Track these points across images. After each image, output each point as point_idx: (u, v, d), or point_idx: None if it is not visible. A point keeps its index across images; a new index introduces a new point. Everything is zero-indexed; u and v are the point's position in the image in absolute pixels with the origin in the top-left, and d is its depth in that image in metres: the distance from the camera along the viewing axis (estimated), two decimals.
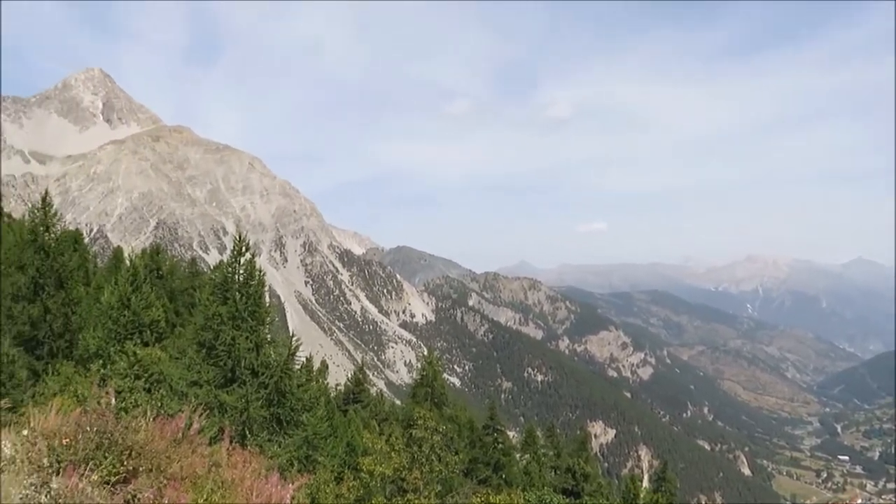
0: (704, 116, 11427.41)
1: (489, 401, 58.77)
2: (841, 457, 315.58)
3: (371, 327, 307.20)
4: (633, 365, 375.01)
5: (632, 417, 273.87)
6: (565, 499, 29.50)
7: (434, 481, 18.24)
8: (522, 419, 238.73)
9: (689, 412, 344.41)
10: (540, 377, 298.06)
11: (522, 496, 22.66)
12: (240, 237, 17.61)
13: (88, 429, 7.56)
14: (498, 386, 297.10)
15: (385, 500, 17.42)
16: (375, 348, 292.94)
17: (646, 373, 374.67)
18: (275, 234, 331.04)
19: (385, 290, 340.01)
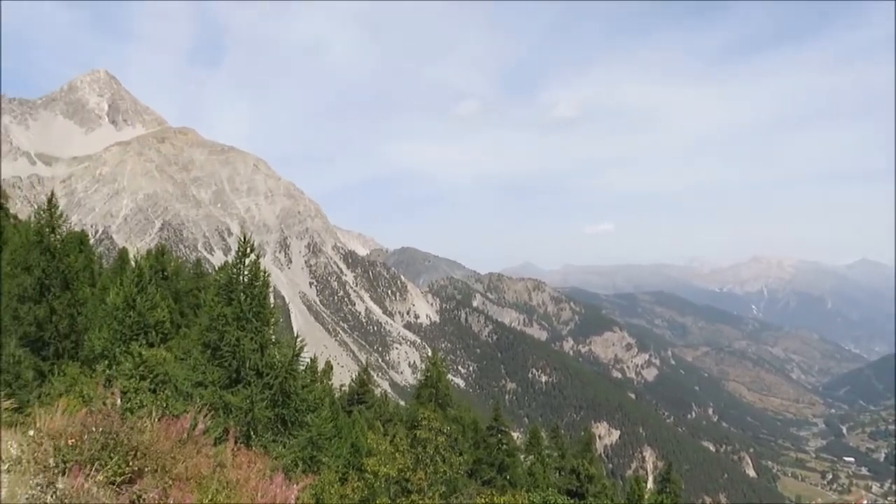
0: (710, 117, 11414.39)
1: (493, 402, 58.89)
2: (846, 458, 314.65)
3: (375, 328, 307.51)
4: (637, 366, 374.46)
5: (636, 418, 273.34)
6: (570, 500, 29.45)
7: (438, 482, 18.24)
8: (527, 420, 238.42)
9: (693, 413, 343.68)
10: (544, 378, 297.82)
11: (527, 497, 22.63)
12: (244, 238, 17.66)
13: (94, 429, 7.59)
14: (502, 387, 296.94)
15: (389, 500, 17.44)
16: (380, 349, 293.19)
17: (650, 374, 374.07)
18: (279, 235, 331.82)
19: (389, 291, 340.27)
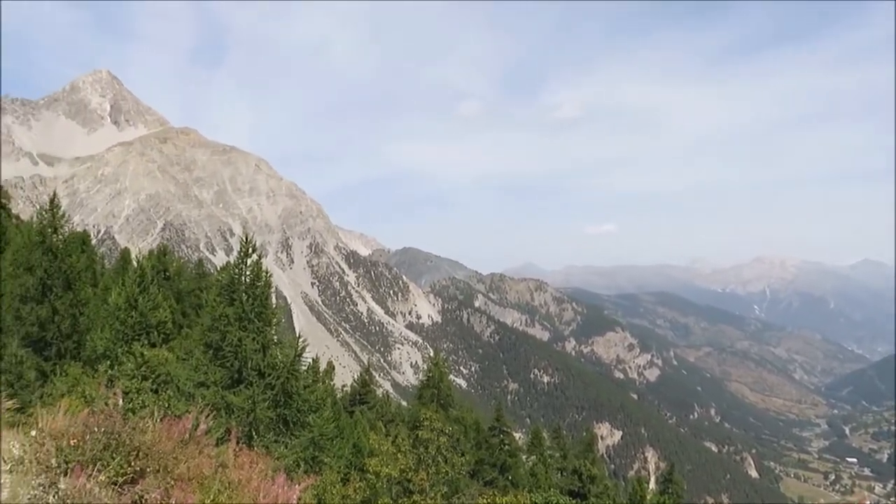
0: (712, 117, 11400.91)
1: (495, 402, 58.85)
2: (849, 459, 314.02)
3: (377, 328, 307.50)
4: (639, 366, 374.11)
5: (638, 419, 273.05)
6: (571, 500, 29.44)
7: (440, 482, 18.25)
8: (528, 420, 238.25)
9: (695, 414, 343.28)
10: (546, 378, 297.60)
11: (529, 498, 22.62)
12: (246, 238, 17.69)
13: (96, 429, 7.60)
14: (504, 387, 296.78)
15: (391, 501, 17.45)
16: (382, 349, 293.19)
17: (652, 374, 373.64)
18: (281, 236, 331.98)
19: (391, 292, 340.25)
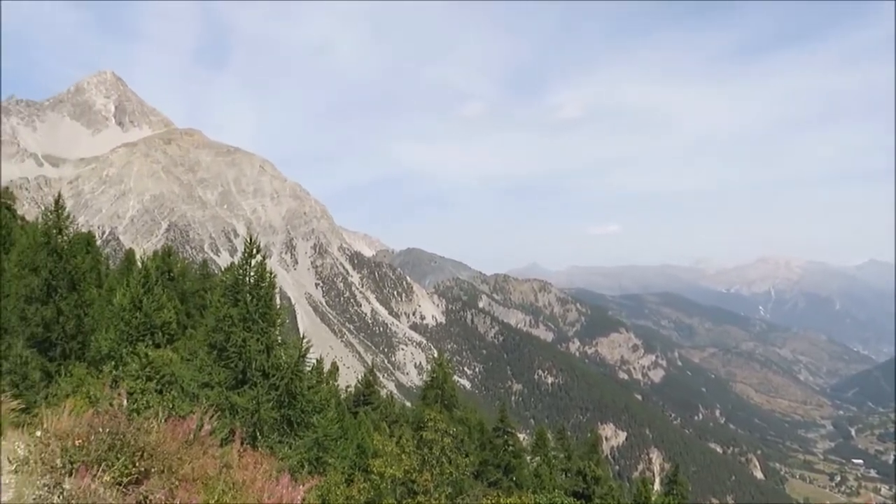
0: (715, 117, 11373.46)
1: (499, 403, 58.72)
2: (855, 460, 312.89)
3: (381, 329, 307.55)
4: (644, 367, 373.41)
5: (643, 420, 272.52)
6: (576, 501, 29.37)
7: (444, 483, 18.23)
8: (533, 421, 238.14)
9: (700, 415, 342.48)
10: (550, 379, 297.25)
11: (533, 499, 22.58)
12: (250, 239, 17.70)
13: (101, 430, 7.60)
14: (508, 388, 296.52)
15: (395, 501, 17.43)
16: (386, 350, 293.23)
17: (657, 375, 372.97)
18: (285, 237, 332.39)
19: (395, 292, 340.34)
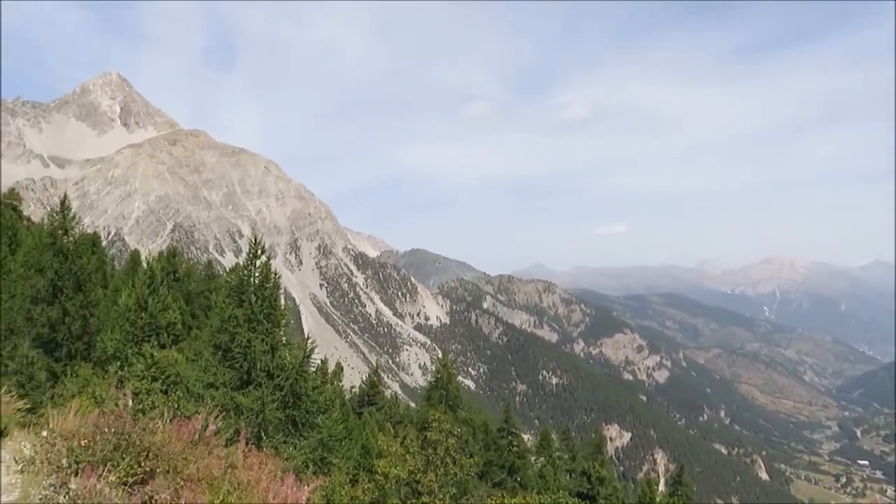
0: (721, 118, 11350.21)
1: (504, 403, 58.75)
2: (860, 461, 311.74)
3: (386, 330, 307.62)
4: (648, 368, 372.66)
5: (647, 421, 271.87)
6: (580, 502, 29.34)
7: (449, 484, 18.21)
8: (537, 422, 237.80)
9: (705, 416, 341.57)
10: (555, 380, 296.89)
11: (537, 499, 22.56)
12: (255, 240, 17.75)
13: (106, 430, 7.63)
14: (512, 389, 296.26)
15: (400, 502, 17.43)
16: (390, 351, 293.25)
17: (661, 376, 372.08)
18: (290, 237, 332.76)
19: (399, 293, 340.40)
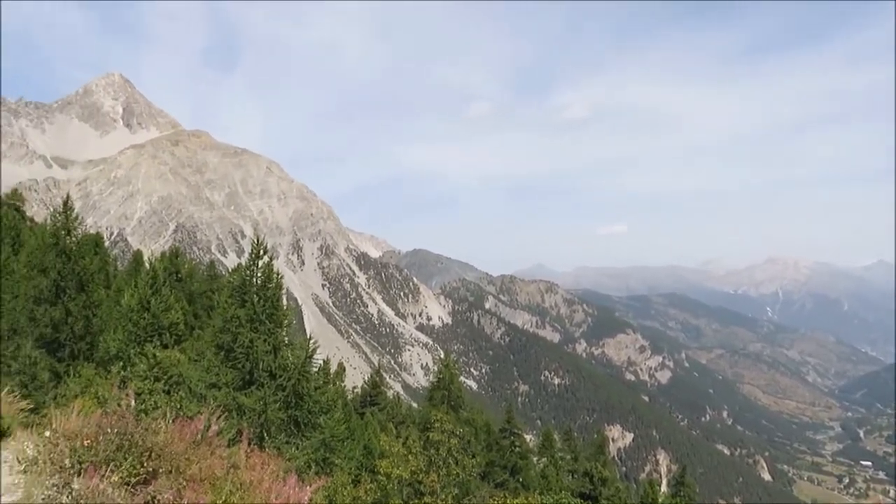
0: (722, 118, 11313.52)
1: (506, 404, 58.73)
2: (863, 462, 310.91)
3: (388, 330, 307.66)
4: (651, 368, 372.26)
5: (650, 421, 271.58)
6: (583, 503, 29.31)
7: (451, 484, 18.22)
8: (539, 422, 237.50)
9: (707, 416, 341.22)
10: (557, 380, 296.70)
11: (539, 500, 22.54)
12: (257, 240, 17.75)
13: (109, 430, 7.64)
14: (515, 389, 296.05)
15: (402, 502, 17.43)
16: (392, 351, 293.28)
17: (664, 376, 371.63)
18: (292, 238, 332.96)
19: (402, 293, 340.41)
